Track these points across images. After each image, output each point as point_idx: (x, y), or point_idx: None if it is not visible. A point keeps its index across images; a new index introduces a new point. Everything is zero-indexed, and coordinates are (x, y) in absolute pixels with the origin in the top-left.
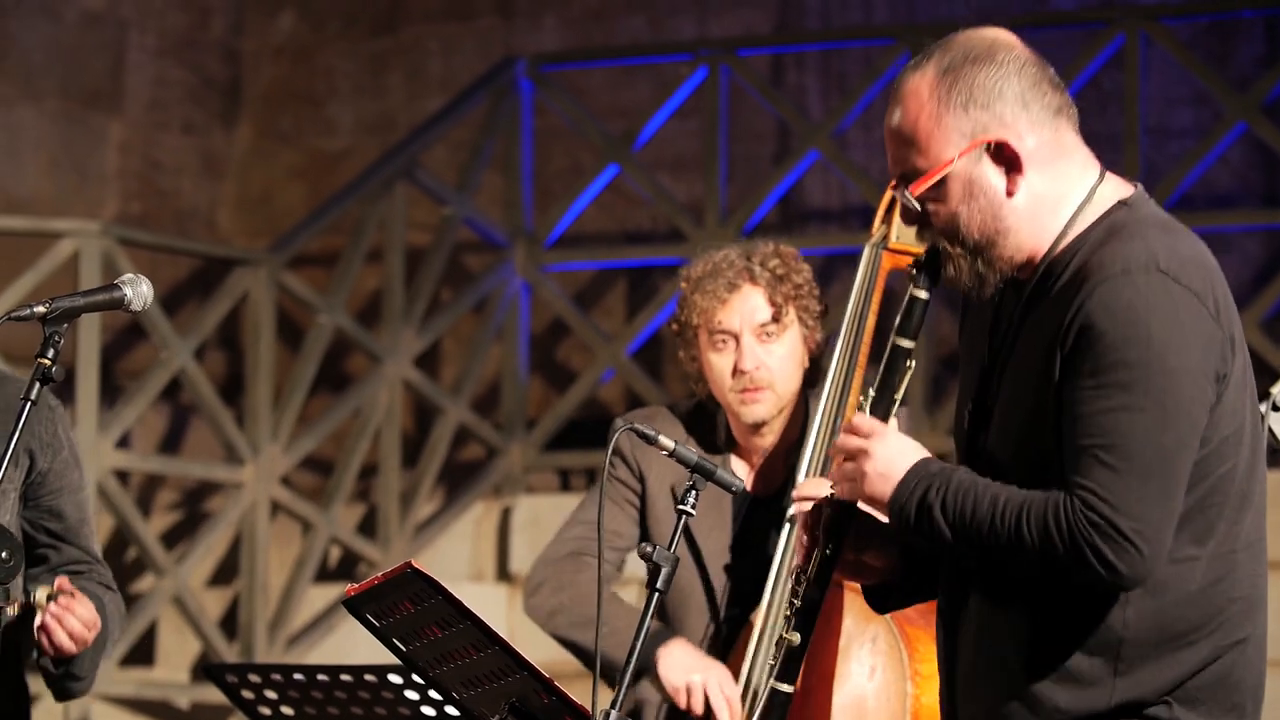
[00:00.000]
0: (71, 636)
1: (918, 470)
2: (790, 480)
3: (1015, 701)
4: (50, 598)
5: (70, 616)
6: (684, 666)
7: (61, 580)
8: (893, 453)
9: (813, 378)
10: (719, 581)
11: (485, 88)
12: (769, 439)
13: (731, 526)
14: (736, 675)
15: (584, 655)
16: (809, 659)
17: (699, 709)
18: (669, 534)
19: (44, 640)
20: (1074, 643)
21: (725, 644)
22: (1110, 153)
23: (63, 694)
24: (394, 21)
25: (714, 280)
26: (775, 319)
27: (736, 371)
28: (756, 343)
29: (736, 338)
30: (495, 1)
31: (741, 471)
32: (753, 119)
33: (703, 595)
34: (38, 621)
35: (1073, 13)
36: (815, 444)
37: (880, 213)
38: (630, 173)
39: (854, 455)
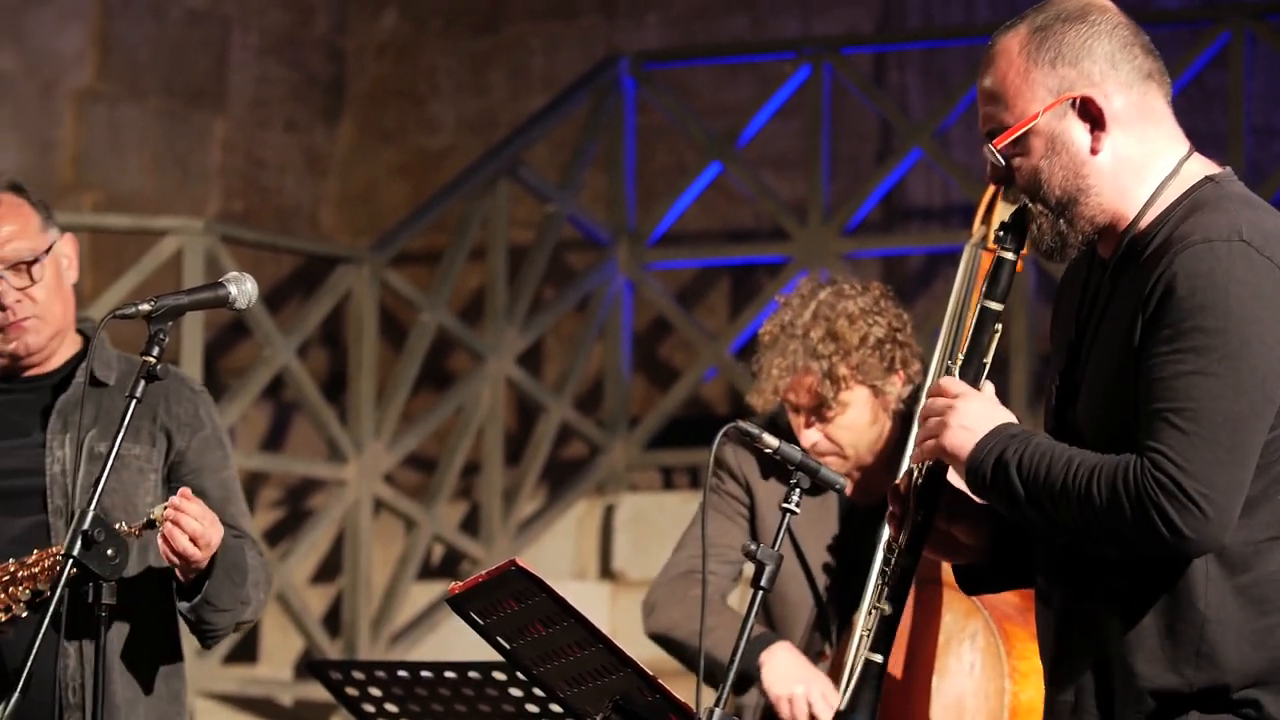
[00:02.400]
0: (193, 539)
1: (999, 430)
2: None
3: (1105, 682)
4: (165, 508)
5: (185, 516)
6: (788, 675)
7: (183, 490)
8: (978, 410)
9: (909, 413)
10: (825, 591)
11: (588, 86)
12: (868, 457)
13: (837, 537)
14: (838, 681)
15: (694, 664)
16: (910, 654)
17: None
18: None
19: (168, 552)
20: (1160, 623)
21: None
22: (1214, 152)
23: (207, 632)
24: (496, 20)
25: (776, 354)
26: (819, 411)
27: None
28: (811, 421)
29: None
30: (598, 0)
31: None
32: (855, 117)
33: (810, 605)
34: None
35: (1177, 11)
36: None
37: (980, 213)
38: (733, 171)
39: (940, 412)
